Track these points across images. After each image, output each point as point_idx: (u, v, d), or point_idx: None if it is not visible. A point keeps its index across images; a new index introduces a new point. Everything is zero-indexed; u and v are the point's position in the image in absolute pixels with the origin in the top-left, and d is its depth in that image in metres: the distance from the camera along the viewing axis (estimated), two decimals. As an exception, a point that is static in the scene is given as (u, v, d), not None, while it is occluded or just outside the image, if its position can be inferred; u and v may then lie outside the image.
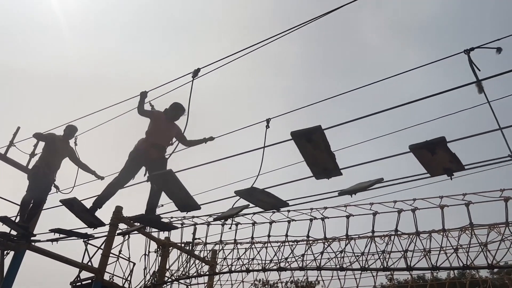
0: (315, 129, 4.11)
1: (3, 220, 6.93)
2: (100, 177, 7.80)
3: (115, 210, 8.78)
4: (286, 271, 8.25)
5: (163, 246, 9.72)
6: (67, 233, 6.79)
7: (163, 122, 6.28)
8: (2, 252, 7.36)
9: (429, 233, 7.56)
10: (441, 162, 4.02)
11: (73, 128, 7.88)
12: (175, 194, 5.21)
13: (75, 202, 6.15)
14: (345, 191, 4.60)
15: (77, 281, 8.17)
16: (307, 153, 4.28)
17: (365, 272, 7.72)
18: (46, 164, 7.37)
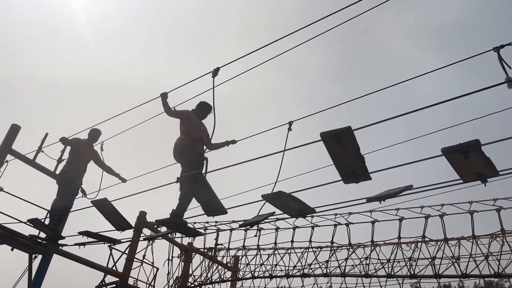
0: (345, 130, 4.04)
1: (34, 223, 7.06)
2: (123, 180, 7.86)
3: (139, 215, 8.87)
4: (309, 277, 8.17)
5: (186, 252, 9.75)
6: (95, 237, 6.86)
7: (195, 119, 6.24)
8: (30, 255, 7.49)
9: (458, 239, 7.36)
10: (474, 166, 3.89)
11: (97, 132, 7.99)
12: (203, 196, 5.22)
13: (105, 203, 6.19)
14: (373, 197, 4.51)
15: (102, 285, 8.25)
16: (336, 155, 4.22)
17: (391, 279, 7.56)
18: (73, 168, 7.49)
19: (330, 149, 4.21)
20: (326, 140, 4.18)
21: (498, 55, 4.09)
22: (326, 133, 4.15)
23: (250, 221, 5.71)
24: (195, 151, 5.94)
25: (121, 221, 6.35)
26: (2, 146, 7.06)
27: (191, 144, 5.94)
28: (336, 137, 4.10)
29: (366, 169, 4.24)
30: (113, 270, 8.24)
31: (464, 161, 3.84)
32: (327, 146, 4.22)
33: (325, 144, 4.21)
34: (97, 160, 7.91)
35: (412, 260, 7.51)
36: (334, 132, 4.10)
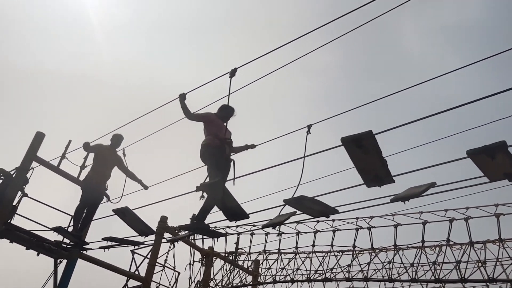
0: (366, 135, 4.00)
1: (58, 230, 7.20)
2: (145, 187, 7.95)
3: (160, 220, 8.95)
4: (331, 282, 8.10)
5: (207, 256, 9.79)
6: (119, 241, 6.97)
7: (220, 121, 6.11)
8: (55, 260, 7.63)
9: (483, 243, 7.19)
10: (501, 167, 3.81)
11: (119, 137, 8.06)
12: (224, 203, 5.23)
13: (127, 211, 6.29)
14: (398, 197, 4.45)
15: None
16: (358, 159, 4.18)
17: (415, 284, 7.44)
18: (97, 174, 7.60)
19: (351, 153, 4.17)
20: (347, 145, 4.14)
21: None
22: (347, 138, 4.10)
23: (272, 222, 5.69)
24: (224, 153, 5.83)
25: (143, 226, 6.43)
26: (28, 153, 7.23)
27: (220, 146, 5.82)
28: (357, 142, 4.05)
29: (389, 172, 4.19)
30: (135, 274, 8.34)
31: (490, 162, 3.76)
32: (348, 151, 4.18)
33: (346, 149, 4.18)
34: (121, 166, 8.00)
35: (437, 264, 7.37)
36: (355, 136, 4.06)
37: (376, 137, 4.20)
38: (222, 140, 5.88)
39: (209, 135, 5.98)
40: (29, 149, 7.28)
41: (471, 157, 3.82)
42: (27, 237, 7.05)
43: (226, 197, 5.18)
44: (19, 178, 7.04)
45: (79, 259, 7.72)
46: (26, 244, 7.13)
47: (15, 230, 6.88)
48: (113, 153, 7.97)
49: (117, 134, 8.07)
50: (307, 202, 4.84)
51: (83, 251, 7.65)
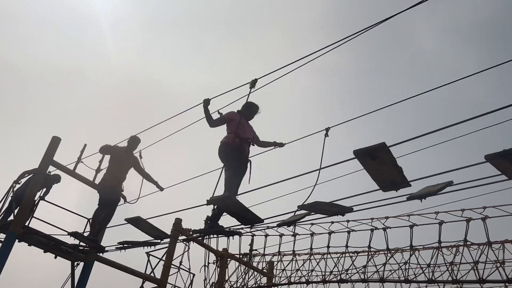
0: (379, 147, 3.94)
1: (75, 235, 7.28)
2: (161, 188, 7.97)
3: (175, 222, 9.01)
4: (347, 283, 8.05)
5: (222, 257, 9.81)
6: (134, 244, 7.01)
7: (242, 120, 6.00)
8: (72, 263, 7.74)
9: (502, 243, 7.09)
10: (520, 167, 3.75)
11: (136, 139, 8.08)
12: (236, 212, 5.24)
13: (139, 220, 6.34)
14: (414, 195, 4.39)
15: (141, 291, 8.42)
16: (372, 169, 4.13)
17: (431, 284, 7.35)
18: (114, 177, 7.66)
19: (365, 165, 4.12)
20: (360, 157, 4.09)
21: None
22: (360, 150, 4.03)
23: (287, 221, 5.67)
24: (243, 153, 5.80)
25: (158, 232, 6.47)
26: (45, 158, 7.35)
27: (240, 145, 5.77)
28: (371, 154, 3.99)
29: (405, 178, 4.15)
30: (151, 276, 8.41)
31: (509, 166, 3.70)
32: (362, 163, 4.13)
33: (360, 161, 4.13)
34: (137, 167, 8.01)
35: (454, 264, 7.29)
36: (368, 149, 3.98)
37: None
38: (242, 140, 5.82)
39: (229, 133, 5.92)
40: (46, 154, 7.40)
41: (490, 162, 3.76)
42: (45, 240, 7.16)
43: (237, 208, 5.18)
44: (37, 182, 7.16)
45: (96, 261, 7.82)
46: (44, 247, 7.25)
47: (33, 234, 7.00)
48: (130, 155, 8.00)
49: (134, 136, 8.09)
50: (322, 206, 4.82)
51: (100, 253, 7.74)
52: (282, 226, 6.36)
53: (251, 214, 5.28)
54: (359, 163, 4.49)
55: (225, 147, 5.82)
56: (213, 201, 5.43)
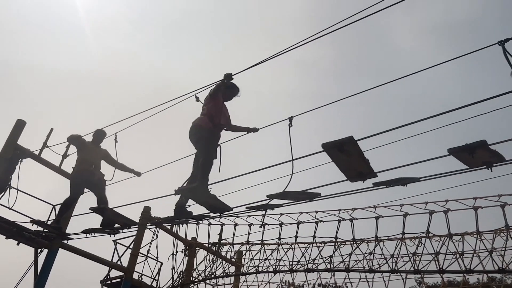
0: (347, 140, 4.06)
1: (37, 223, 7.10)
2: (138, 174, 7.76)
3: (144, 210, 8.89)
4: (313, 272, 8.19)
5: (190, 246, 9.79)
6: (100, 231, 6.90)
7: (223, 104, 5.95)
8: (36, 250, 7.55)
9: (462, 235, 7.37)
10: (480, 158, 3.93)
11: (101, 133, 7.85)
12: (204, 201, 5.24)
13: (105, 208, 6.25)
14: (380, 182, 4.53)
15: (107, 280, 8.31)
16: (340, 161, 4.24)
17: (394, 274, 7.58)
18: (86, 163, 7.35)
19: (334, 157, 4.23)
20: (328, 150, 4.20)
21: (503, 49, 4.10)
22: (328, 144, 4.16)
23: (257, 205, 5.70)
24: (215, 137, 5.69)
25: (125, 220, 6.40)
26: (8, 141, 7.10)
27: (213, 130, 5.66)
28: (339, 147, 4.11)
29: (372, 169, 4.27)
30: (118, 264, 8.30)
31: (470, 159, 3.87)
32: (330, 155, 4.24)
33: (328, 154, 4.23)
34: (109, 159, 7.78)
35: (416, 255, 7.53)
36: (336, 142, 4.11)
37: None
38: (216, 125, 5.69)
39: (204, 115, 5.78)
40: (9, 137, 7.15)
41: (453, 155, 3.92)
42: (7, 226, 6.95)
43: (206, 197, 5.17)
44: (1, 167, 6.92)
45: (60, 249, 7.65)
46: (6, 234, 7.04)
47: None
48: (98, 149, 7.80)
49: (99, 130, 7.86)
50: (291, 194, 4.89)
51: (65, 241, 7.58)
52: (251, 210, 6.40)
53: (220, 203, 5.30)
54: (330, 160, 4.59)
55: (197, 130, 5.68)
56: (182, 191, 5.39)
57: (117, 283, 8.31)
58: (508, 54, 4.08)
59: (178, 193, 5.51)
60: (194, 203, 6.39)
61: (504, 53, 4.07)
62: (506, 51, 4.08)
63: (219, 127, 5.83)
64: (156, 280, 8.92)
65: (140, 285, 8.49)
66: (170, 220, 6.16)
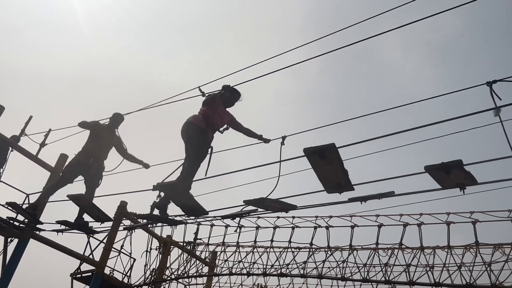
0: (328, 147, 4.08)
1: (12, 206, 6.89)
2: (146, 166, 7.54)
3: (120, 205, 8.80)
4: (286, 277, 8.23)
5: (165, 244, 9.72)
6: (73, 226, 6.75)
7: (220, 107, 5.78)
8: (6, 239, 7.35)
9: (433, 248, 7.54)
10: (455, 179, 4.01)
11: (119, 117, 7.39)
12: (183, 202, 5.18)
13: (82, 197, 6.13)
14: (356, 198, 4.58)
15: (77, 273, 8.18)
16: (320, 169, 4.26)
17: (365, 283, 7.68)
18: (87, 154, 7.03)
19: (314, 164, 4.24)
20: (309, 156, 4.21)
21: (490, 90, 4.17)
22: (310, 149, 4.17)
23: (233, 214, 5.70)
24: (207, 137, 5.57)
25: (99, 213, 6.29)
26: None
27: (205, 129, 5.54)
28: (320, 153, 4.13)
29: (349, 181, 4.32)
30: (89, 258, 8.17)
31: (445, 178, 3.95)
32: (310, 161, 4.25)
33: (309, 160, 4.25)
34: (120, 148, 7.45)
35: (388, 266, 7.65)
36: (318, 148, 4.13)
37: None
38: (208, 124, 5.59)
39: (199, 114, 5.71)
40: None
41: (429, 172, 3.99)
42: (-24, 214, 6.77)
43: (184, 197, 5.11)
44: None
45: (32, 239, 7.48)
46: (-25, 221, 6.85)
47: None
48: (113, 134, 7.44)
49: (117, 113, 7.38)
50: (268, 202, 4.89)
51: (36, 231, 7.41)
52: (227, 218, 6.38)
53: (197, 205, 5.25)
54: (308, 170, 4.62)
55: (189, 126, 5.57)
56: (160, 187, 5.31)
57: (87, 277, 8.20)
58: (495, 94, 4.17)
59: (156, 189, 5.41)
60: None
61: (491, 93, 4.16)
62: (493, 91, 4.18)
63: (213, 127, 5.71)
64: (128, 276, 8.83)
65: (111, 280, 8.39)
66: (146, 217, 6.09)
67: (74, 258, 8.04)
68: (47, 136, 7.98)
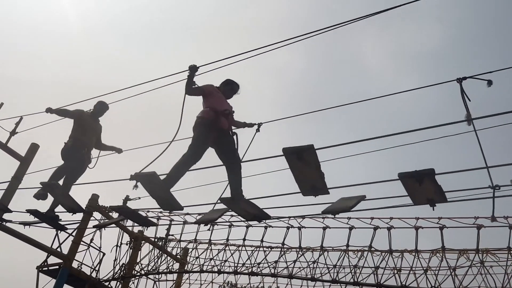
0: (307, 148, 4.15)
1: None
2: (119, 150, 7.31)
3: (91, 198, 8.64)
4: (257, 276, 8.27)
5: (136, 239, 9.60)
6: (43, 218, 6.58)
7: (220, 95, 5.59)
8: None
9: (401, 252, 7.71)
10: (426, 192, 4.14)
11: (103, 106, 7.17)
12: (158, 194, 5.12)
13: (55, 186, 5.99)
14: (328, 210, 4.67)
15: (44, 266, 7.99)
16: (297, 169, 4.33)
17: (334, 284, 7.79)
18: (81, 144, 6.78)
19: (291, 164, 4.31)
20: (288, 155, 4.28)
21: (460, 87, 4.31)
22: (288, 149, 4.24)
23: (205, 218, 5.70)
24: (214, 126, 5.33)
25: (72, 203, 6.16)
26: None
27: (214, 119, 5.33)
28: (298, 154, 4.20)
29: (325, 185, 4.39)
30: (57, 251, 7.99)
31: (417, 187, 4.06)
32: (288, 161, 4.32)
33: (287, 159, 4.31)
34: (99, 138, 7.26)
35: (357, 267, 7.77)
36: (296, 149, 4.21)
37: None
38: (218, 112, 5.40)
39: (206, 108, 5.54)
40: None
41: (402, 180, 4.10)
42: None
43: (160, 189, 5.04)
44: None
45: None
46: None
47: None
48: (96, 122, 7.19)
49: (101, 101, 7.20)
50: (243, 203, 4.91)
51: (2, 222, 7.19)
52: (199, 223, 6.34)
53: (173, 200, 5.21)
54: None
55: (198, 120, 5.43)
56: (138, 177, 5.17)
57: (54, 270, 8.01)
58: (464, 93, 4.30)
59: (133, 179, 5.28)
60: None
61: (461, 91, 4.29)
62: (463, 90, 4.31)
63: (223, 113, 5.43)
64: (97, 271, 8.68)
65: (79, 274, 8.23)
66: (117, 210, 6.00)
67: (41, 250, 7.85)
68: (18, 124, 7.75)
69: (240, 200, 4.88)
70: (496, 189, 4.23)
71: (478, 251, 6.93)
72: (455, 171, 4.22)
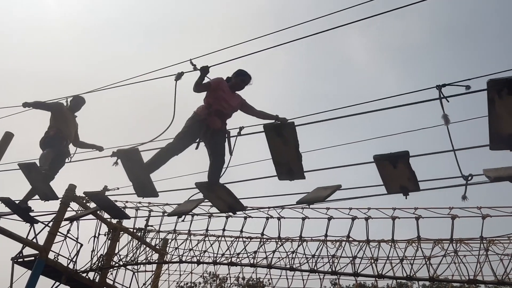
0: (287, 125, 4.18)
1: None
2: (100, 148, 7.20)
3: (68, 188, 8.49)
4: (236, 266, 8.30)
5: (114, 230, 9.51)
6: (16, 209, 6.39)
7: (226, 91, 5.48)
8: None
9: (378, 242, 7.82)
10: (400, 178, 4.17)
11: (80, 100, 7.01)
12: (136, 175, 5.03)
13: (34, 168, 5.75)
14: (303, 200, 4.69)
15: (19, 257, 7.85)
16: (276, 148, 4.33)
17: (313, 274, 7.88)
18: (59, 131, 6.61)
19: (271, 141, 4.32)
20: (268, 131, 4.30)
21: (439, 93, 4.34)
22: (269, 125, 4.27)
23: (180, 209, 5.66)
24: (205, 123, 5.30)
25: (47, 190, 5.99)
26: None
27: (206, 117, 5.32)
28: (278, 130, 4.22)
29: (302, 168, 4.40)
30: (33, 242, 7.86)
31: (392, 171, 4.09)
32: (268, 138, 4.33)
33: (266, 136, 4.33)
34: (76, 135, 7.10)
35: (335, 257, 7.87)
36: (276, 125, 4.24)
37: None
38: (212, 111, 5.33)
39: (203, 104, 5.52)
40: None
41: (376, 163, 4.13)
42: None
43: (139, 170, 4.97)
44: None
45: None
46: None
47: None
48: (73, 117, 7.05)
49: (78, 96, 7.03)
50: (219, 189, 4.88)
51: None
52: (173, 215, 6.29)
53: (150, 185, 5.15)
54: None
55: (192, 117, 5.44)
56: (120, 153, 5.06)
57: (30, 261, 7.87)
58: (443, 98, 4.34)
59: (115, 155, 5.19)
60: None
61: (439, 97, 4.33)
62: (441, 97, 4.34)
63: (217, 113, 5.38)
64: (74, 262, 8.57)
65: (55, 265, 8.11)
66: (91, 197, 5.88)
67: (16, 241, 7.70)
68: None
69: (216, 186, 4.84)
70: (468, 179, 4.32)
71: (452, 240, 7.08)
72: (427, 153, 4.28)
